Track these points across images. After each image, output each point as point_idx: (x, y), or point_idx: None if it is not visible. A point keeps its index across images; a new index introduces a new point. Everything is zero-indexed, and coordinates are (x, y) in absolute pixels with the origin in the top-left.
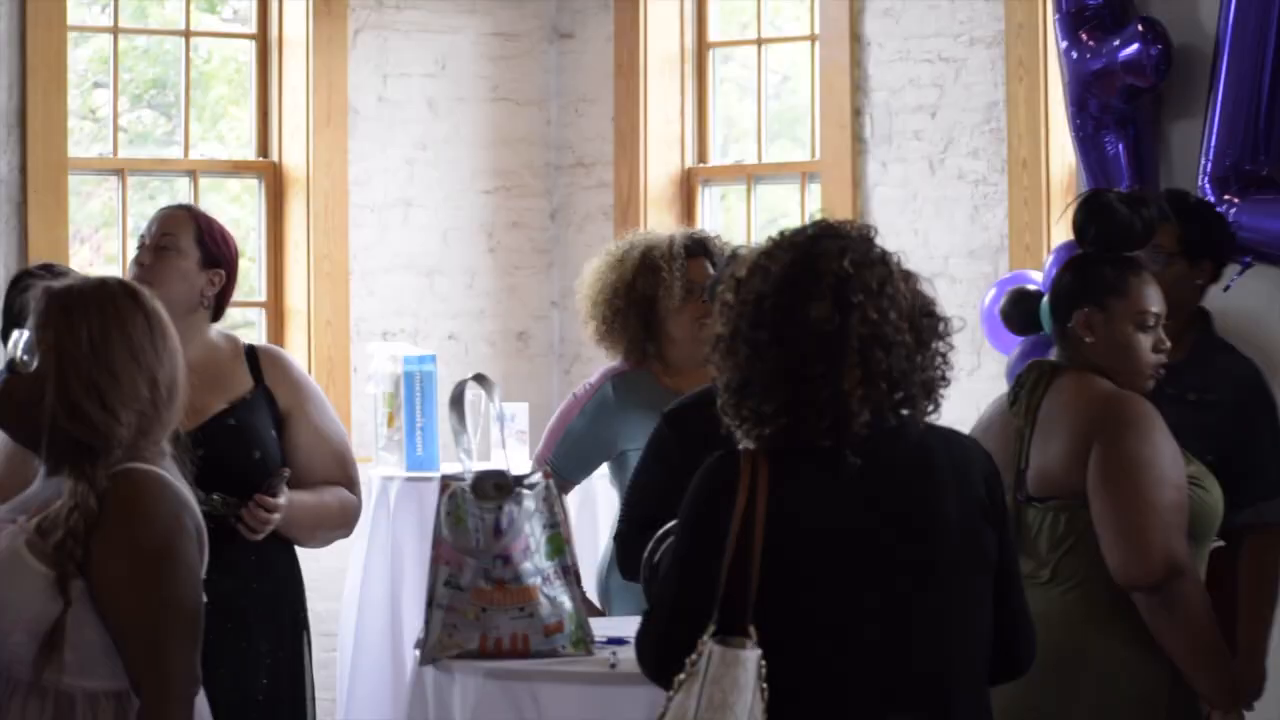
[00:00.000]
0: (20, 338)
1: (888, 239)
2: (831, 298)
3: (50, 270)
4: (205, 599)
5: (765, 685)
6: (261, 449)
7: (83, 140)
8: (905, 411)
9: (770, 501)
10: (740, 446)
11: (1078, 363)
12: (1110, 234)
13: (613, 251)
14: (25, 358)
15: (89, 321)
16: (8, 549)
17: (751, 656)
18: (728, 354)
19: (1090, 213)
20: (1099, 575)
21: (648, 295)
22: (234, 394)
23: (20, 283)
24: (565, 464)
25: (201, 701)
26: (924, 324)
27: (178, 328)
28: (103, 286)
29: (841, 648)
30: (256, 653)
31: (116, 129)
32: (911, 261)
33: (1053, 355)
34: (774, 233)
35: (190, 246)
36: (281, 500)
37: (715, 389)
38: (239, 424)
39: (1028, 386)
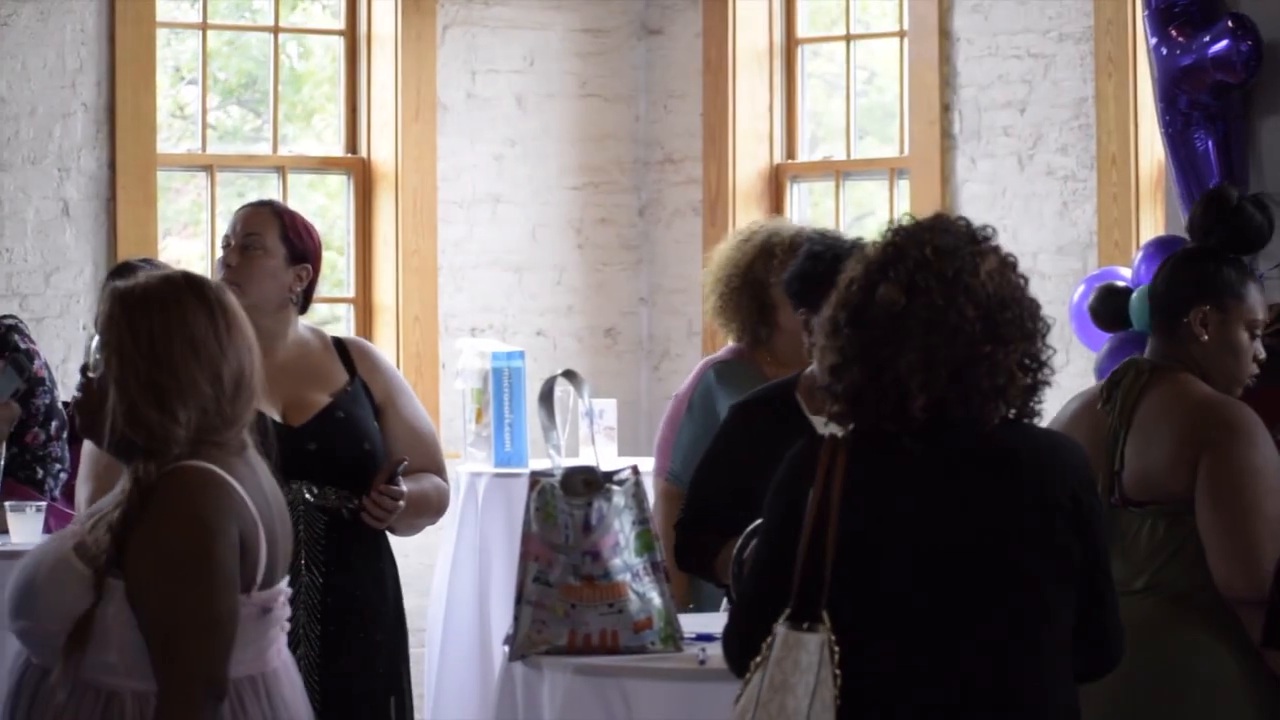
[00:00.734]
0: (93, 340)
1: None
2: (904, 282)
3: (150, 264)
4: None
5: (838, 671)
6: (369, 440)
7: (171, 137)
8: (973, 403)
9: (844, 487)
10: (825, 433)
11: (1179, 361)
12: (1242, 235)
13: (741, 232)
14: (96, 359)
15: (150, 320)
16: (56, 551)
17: (814, 639)
18: (827, 335)
19: (1220, 212)
20: (1202, 584)
21: (761, 280)
22: (334, 387)
23: (120, 275)
24: (688, 471)
25: (294, 692)
26: (1001, 319)
27: (268, 325)
28: (167, 283)
29: (907, 637)
30: (373, 642)
31: (205, 125)
32: None
33: (1147, 353)
34: (861, 228)
35: (276, 244)
36: (405, 489)
37: (782, 384)
38: (347, 416)
39: (1124, 386)
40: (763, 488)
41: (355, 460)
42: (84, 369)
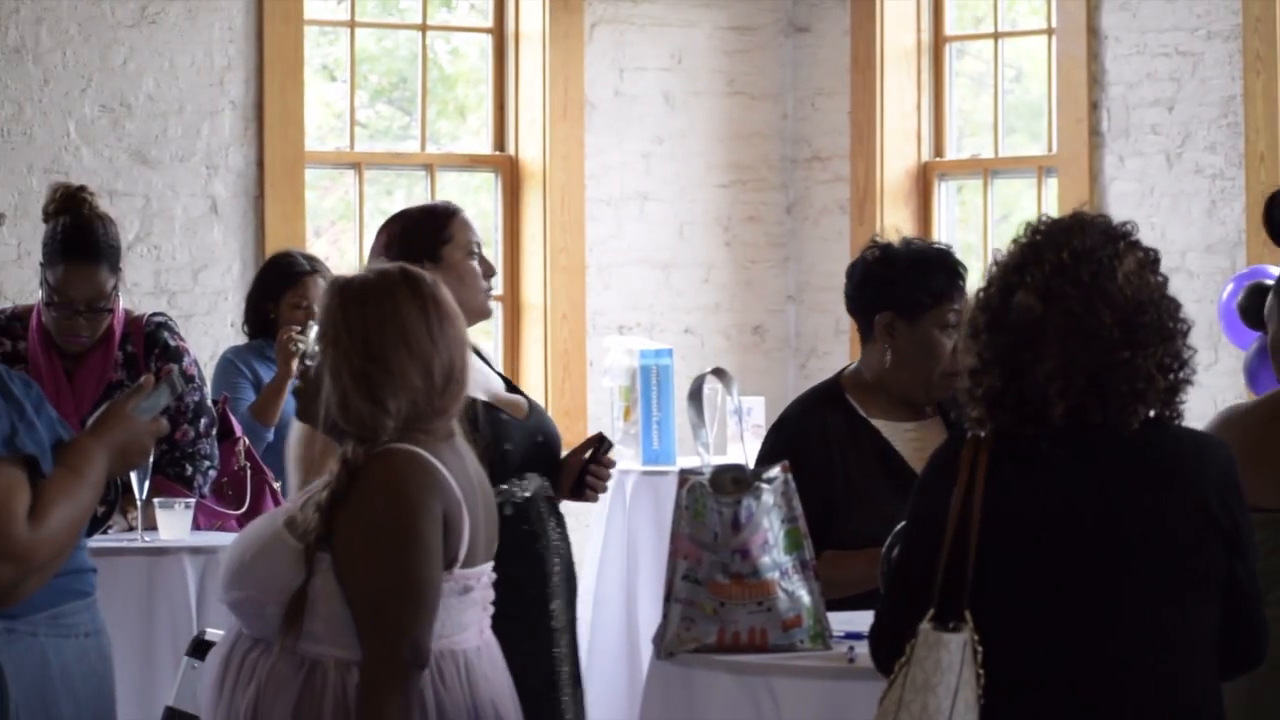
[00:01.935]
0: (312, 331)
1: None
2: (1040, 287)
3: (309, 259)
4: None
5: (982, 670)
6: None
7: (319, 135)
8: (1112, 408)
9: (986, 489)
10: (968, 434)
11: None
12: None
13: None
14: (313, 349)
15: (365, 313)
16: (269, 527)
17: (956, 639)
18: (967, 337)
19: None
20: None
21: None
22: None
23: (279, 263)
24: None
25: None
26: (1139, 322)
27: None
28: (383, 277)
29: (1046, 638)
30: (574, 627)
31: (354, 123)
32: None
33: None
34: (1004, 227)
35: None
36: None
37: (828, 388)
38: (538, 408)
39: None
40: (845, 499)
41: (559, 448)
42: (302, 357)
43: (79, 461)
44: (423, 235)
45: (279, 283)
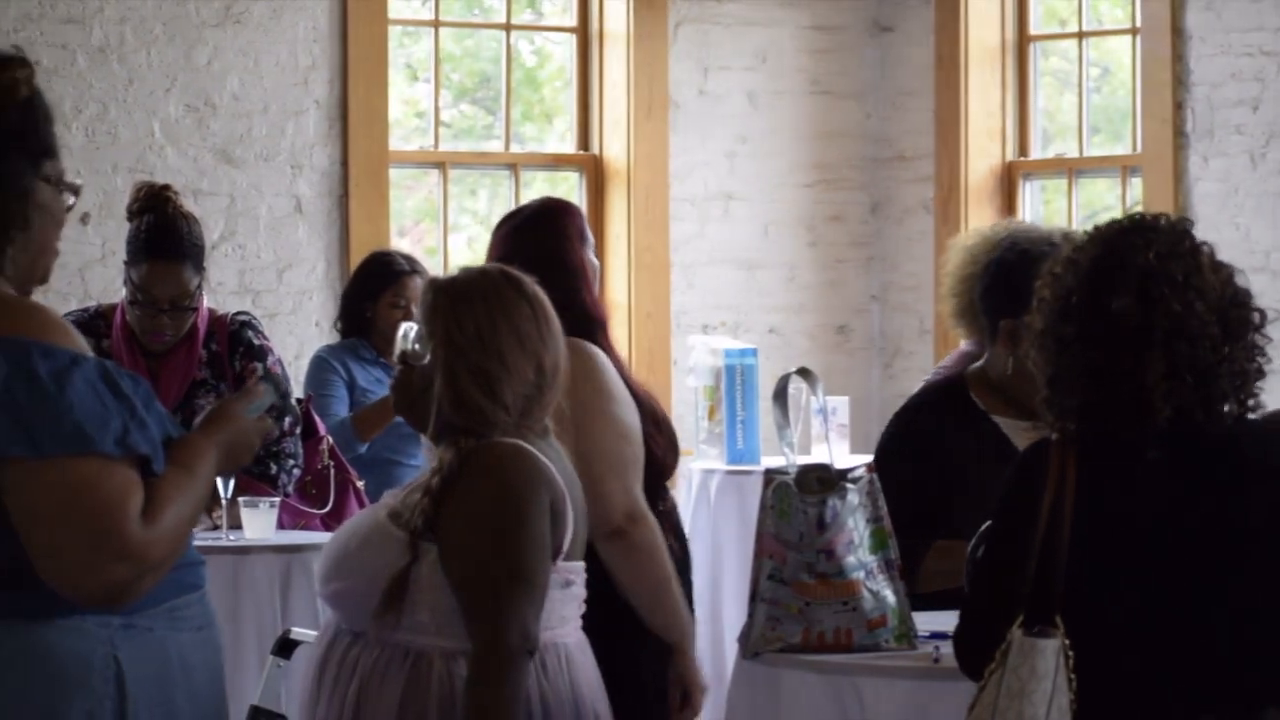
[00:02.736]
0: (410, 330)
1: (1208, 234)
2: (1135, 291)
3: (408, 259)
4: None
5: (1074, 675)
6: None
7: (404, 135)
8: (1213, 406)
9: (1078, 494)
10: (1053, 439)
11: None
12: None
13: (983, 230)
14: (416, 348)
15: (475, 312)
16: (372, 519)
17: (1050, 645)
18: (1041, 348)
19: None
20: None
21: None
22: None
23: (374, 264)
24: None
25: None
26: (1233, 315)
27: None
28: (485, 276)
29: (1143, 641)
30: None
31: (438, 122)
32: (1232, 256)
33: None
34: (1089, 227)
35: None
36: None
37: (951, 384)
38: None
39: None
40: (961, 490)
41: None
42: (401, 357)
43: (190, 459)
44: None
45: (377, 282)
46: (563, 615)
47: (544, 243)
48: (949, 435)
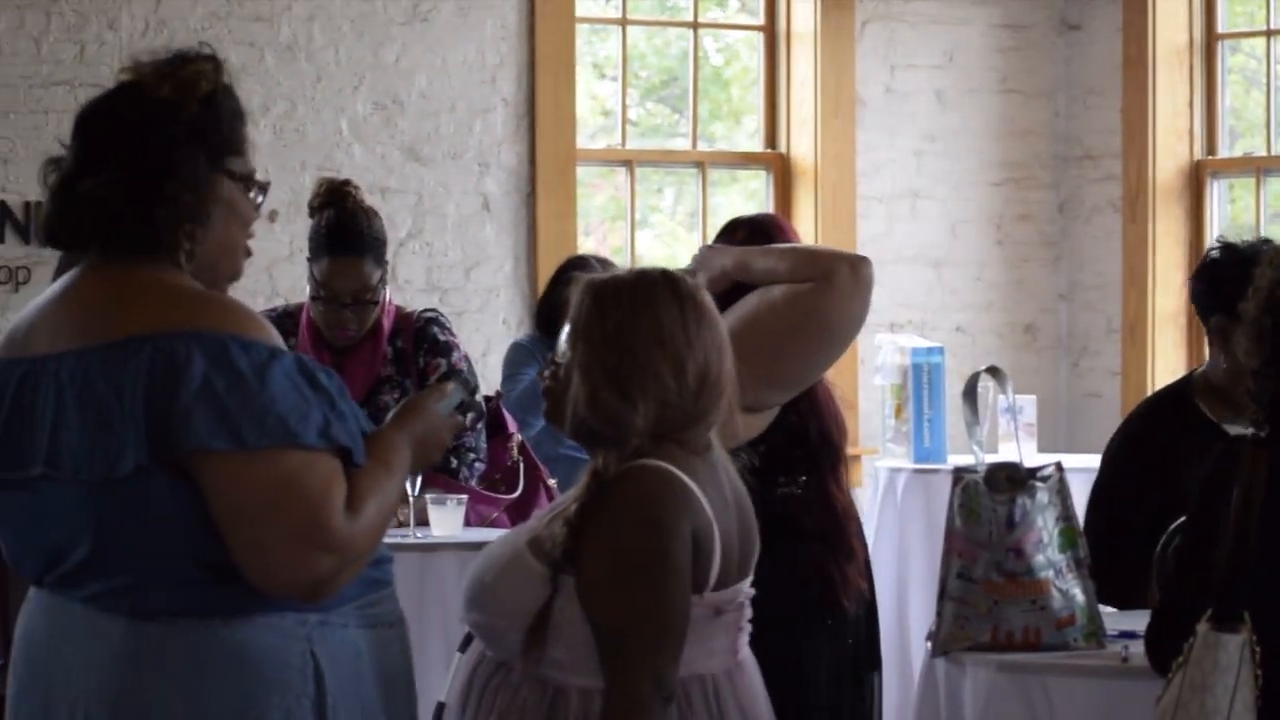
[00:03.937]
0: (565, 331)
1: None
2: None
3: (602, 263)
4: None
5: (1259, 671)
6: None
7: (590, 133)
8: None
9: (1269, 489)
10: (1249, 434)
11: None
12: None
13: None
14: (564, 348)
15: (619, 310)
16: (510, 547)
17: (1234, 640)
18: (1253, 340)
19: None
20: None
21: None
22: None
23: (575, 266)
24: None
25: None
26: None
27: None
28: (640, 276)
29: None
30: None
31: (625, 120)
32: None
33: None
34: None
35: None
36: None
37: (1176, 391)
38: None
39: None
40: (1183, 497)
41: None
42: (551, 359)
43: (386, 453)
44: None
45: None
46: (709, 648)
47: None
48: (1170, 447)
